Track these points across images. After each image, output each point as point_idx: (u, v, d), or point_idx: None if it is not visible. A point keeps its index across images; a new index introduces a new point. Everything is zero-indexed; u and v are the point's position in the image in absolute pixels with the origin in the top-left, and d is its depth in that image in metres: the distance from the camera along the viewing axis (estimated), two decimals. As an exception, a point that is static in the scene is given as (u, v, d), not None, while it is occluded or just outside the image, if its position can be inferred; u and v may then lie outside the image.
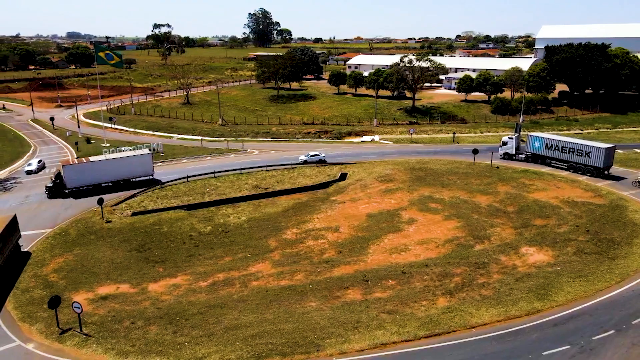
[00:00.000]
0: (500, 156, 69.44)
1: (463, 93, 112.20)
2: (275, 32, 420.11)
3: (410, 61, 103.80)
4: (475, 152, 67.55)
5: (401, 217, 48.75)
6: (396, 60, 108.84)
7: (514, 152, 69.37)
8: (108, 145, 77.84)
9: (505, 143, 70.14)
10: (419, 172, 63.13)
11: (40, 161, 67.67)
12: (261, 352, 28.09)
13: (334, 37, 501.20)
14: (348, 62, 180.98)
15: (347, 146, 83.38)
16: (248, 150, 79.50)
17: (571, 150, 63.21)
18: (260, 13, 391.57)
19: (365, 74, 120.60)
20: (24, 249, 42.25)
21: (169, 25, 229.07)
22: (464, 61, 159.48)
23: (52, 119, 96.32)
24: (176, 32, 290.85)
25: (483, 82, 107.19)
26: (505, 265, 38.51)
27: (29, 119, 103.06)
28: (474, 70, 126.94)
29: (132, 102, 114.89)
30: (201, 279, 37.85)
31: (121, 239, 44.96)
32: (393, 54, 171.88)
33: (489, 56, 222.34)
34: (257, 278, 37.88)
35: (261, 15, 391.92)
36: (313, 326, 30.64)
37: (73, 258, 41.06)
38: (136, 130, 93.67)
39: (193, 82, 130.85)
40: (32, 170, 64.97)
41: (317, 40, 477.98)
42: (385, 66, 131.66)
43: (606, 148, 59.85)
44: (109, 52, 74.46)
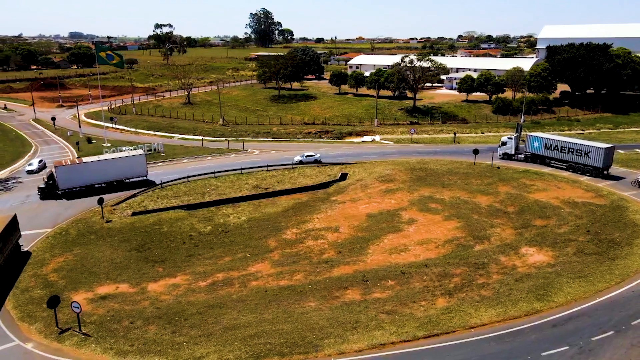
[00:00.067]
0: (499, 156, 69.36)
1: (464, 93, 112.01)
2: (276, 32, 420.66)
3: (411, 61, 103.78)
4: (475, 153, 67.47)
5: (401, 218, 48.70)
6: (397, 60, 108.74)
7: (513, 152, 69.29)
8: (109, 145, 77.96)
9: (504, 143, 70.05)
10: (420, 172, 63.07)
11: (41, 161, 67.83)
12: (260, 352, 28.10)
13: (336, 37, 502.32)
14: (349, 62, 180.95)
15: (348, 146, 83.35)
16: (249, 150, 79.54)
17: (570, 150, 63.09)
18: (261, 13, 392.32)
19: (366, 74, 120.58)
20: (24, 249, 42.33)
21: (171, 25, 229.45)
22: (465, 61, 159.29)
23: (54, 119, 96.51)
24: (178, 32, 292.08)
25: (484, 82, 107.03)
26: (505, 265, 38.43)
27: (31, 119, 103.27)
28: (475, 70, 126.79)
29: (134, 102, 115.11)
30: (200, 279, 37.86)
31: (121, 239, 45.01)
32: (394, 54, 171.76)
33: (491, 56, 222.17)
34: (257, 278, 37.88)
35: (263, 15, 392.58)
36: (312, 326, 30.63)
37: (73, 258, 41.11)
38: (137, 130, 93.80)
39: (194, 82, 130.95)
40: (33, 170, 65.10)
41: (319, 40, 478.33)
42: (386, 66, 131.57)
43: (605, 148, 59.76)
44: (110, 53, 74.62)
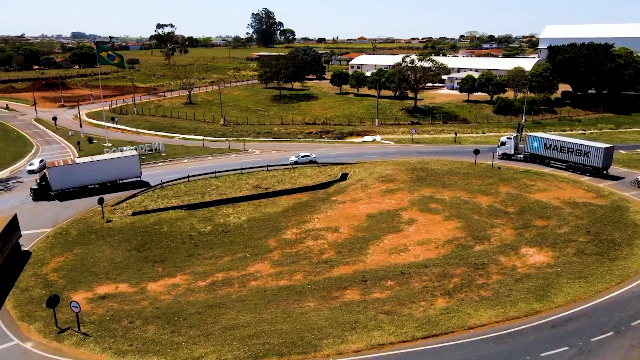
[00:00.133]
0: (498, 156, 69.24)
1: (465, 93, 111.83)
2: (278, 32, 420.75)
3: (412, 61, 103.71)
4: (476, 153, 67.39)
5: (401, 218, 48.65)
6: (398, 60, 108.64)
7: (513, 152, 69.24)
8: (110, 145, 78.06)
9: (503, 143, 69.98)
10: (420, 173, 63.00)
11: (42, 161, 67.85)
12: (258, 352, 28.08)
13: (337, 37, 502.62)
14: (351, 62, 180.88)
15: (349, 146, 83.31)
16: (249, 150, 79.57)
17: (570, 150, 63.02)
18: (263, 13, 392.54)
19: (367, 74, 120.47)
20: (25, 248, 42.40)
21: (172, 25, 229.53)
22: (467, 61, 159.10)
23: (55, 119, 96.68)
24: (180, 33, 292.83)
25: (485, 82, 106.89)
26: (504, 266, 38.35)
27: (32, 119, 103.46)
28: (477, 70, 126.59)
29: (135, 102, 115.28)
30: (200, 279, 37.87)
31: (121, 239, 45.06)
32: (396, 54, 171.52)
33: (492, 56, 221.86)
34: (256, 278, 37.87)
35: (264, 15, 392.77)
36: (311, 326, 30.61)
37: (73, 257, 41.17)
38: (138, 130, 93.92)
39: (195, 82, 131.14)
40: (34, 169, 65.17)
41: (321, 40, 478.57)
42: (387, 66, 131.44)
43: (605, 148, 59.74)
44: (111, 53, 74.78)
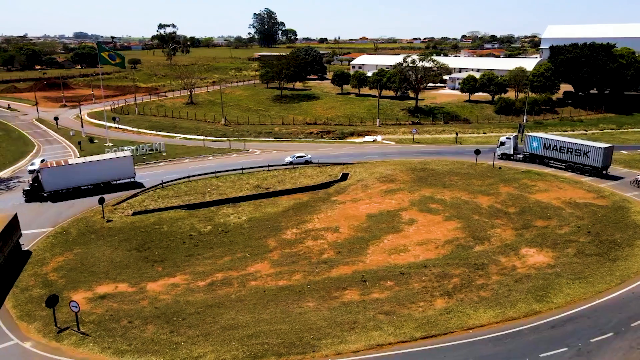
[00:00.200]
0: (498, 156, 69.10)
1: (467, 93, 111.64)
2: (280, 32, 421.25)
3: (413, 61, 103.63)
4: (477, 153, 67.29)
5: (401, 218, 48.60)
6: (400, 60, 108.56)
7: (512, 153, 69.16)
8: (111, 144, 78.20)
9: (503, 143, 69.89)
10: (421, 173, 62.93)
11: (43, 160, 67.93)
12: (257, 352, 28.08)
13: (339, 37, 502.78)
14: (352, 62, 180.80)
15: (350, 146, 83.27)
16: (250, 150, 79.59)
17: (569, 150, 62.96)
18: (265, 13, 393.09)
19: (368, 74, 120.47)
20: (25, 248, 42.49)
21: (174, 25, 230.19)
22: (468, 61, 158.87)
23: (56, 119, 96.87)
24: (182, 33, 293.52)
25: (487, 82, 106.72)
26: (504, 266, 38.27)
27: (34, 119, 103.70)
28: (478, 70, 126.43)
29: (136, 102, 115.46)
30: (200, 279, 37.89)
31: (121, 238, 45.11)
32: (398, 54, 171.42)
33: (494, 56, 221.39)
34: (256, 278, 37.87)
35: (266, 15, 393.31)
36: (310, 326, 30.59)
37: (73, 257, 41.23)
38: (139, 129, 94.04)
39: (197, 82, 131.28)
40: (35, 169, 65.16)
41: (322, 40, 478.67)
42: (389, 66, 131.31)
43: (605, 148, 59.73)
44: (112, 53, 74.92)
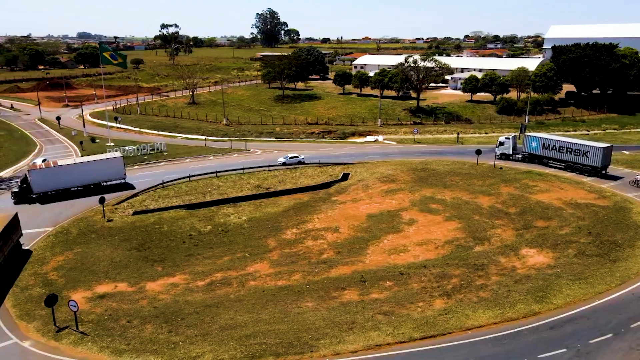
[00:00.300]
0: (497, 156, 68.94)
1: (469, 93, 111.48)
2: (282, 32, 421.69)
3: (414, 61, 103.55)
4: (478, 153, 67.16)
5: (402, 218, 48.53)
6: (402, 60, 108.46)
7: (511, 153, 69.02)
8: (112, 144, 78.39)
9: (502, 143, 69.74)
10: (422, 173, 62.84)
11: (44, 160, 68.04)
12: (255, 352, 28.07)
13: (342, 37, 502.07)
14: (354, 62, 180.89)
15: (351, 146, 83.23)
16: (251, 150, 79.63)
17: (569, 150, 62.84)
18: (268, 13, 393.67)
19: (370, 74, 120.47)
20: (25, 247, 42.59)
21: (177, 25, 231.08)
22: (471, 61, 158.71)
23: (59, 119, 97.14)
24: (185, 33, 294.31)
25: (489, 82, 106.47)
26: (504, 267, 38.16)
27: (36, 119, 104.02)
28: (480, 70, 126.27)
29: (138, 102, 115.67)
30: (199, 279, 37.91)
31: (121, 238, 45.19)
32: (400, 54, 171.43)
33: (497, 56, 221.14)
34: (255, 278, 37.87)
35: (269, 15, 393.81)
36: (308, 327, 30.56)
37: (73, 256, 41.31)
38: (141, 129, 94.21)
39: (199, 82, 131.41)
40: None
41: (325, 40, 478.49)
42: (391, 66, 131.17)
43: (604, 148, 59.65)
44: (113, 53, 75.09)
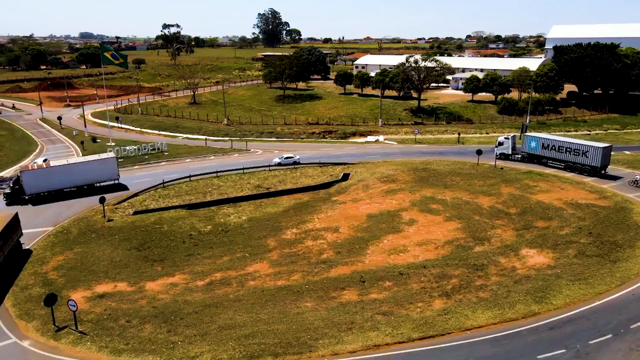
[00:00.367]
0: (496, 156, 68.86)
1: (470, 93, 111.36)
2: (284, 32, 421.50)
3: (416, 61, 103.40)
4: (479, 153, 67.08)
5: (402, 218, 48.47)
6: (403, 60, 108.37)
7: (510, 152, 68.96)
8: (113, 144, 78.50)
9: (501, 143, 69.68)
10: (422, 173, 62.76)
11: (45, 160, 68.14)
12: (253, 352, 28.06)
13: (343, 37, 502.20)
14: (355, 62, 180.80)
15: (352, 146, 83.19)
16: (252, 150, 79.65)
17: (568, 149, 62.80)
18: (269, 13, 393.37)
19: (371, 74, 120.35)
20: (26, 247, 42.66)
21: (178, 25, 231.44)
22: (472, 61, 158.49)
23: (60, 118, 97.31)
24: (187, 33, 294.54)
25: (490, 83, 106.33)
26: (504, 267, 38.08)
27: (38, 118, 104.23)
28: (482, 70, 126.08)
29: (139, 102, 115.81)
30: (198, 278, 37.92)
31: (122, 238, 45.22)
32: (402, 54, 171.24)
33: (498, 56, 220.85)
34: (254, 278, 37.86)
35: (270, 15, 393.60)
36: (307, 327, 30.55)
37: (73, 256, 41.36)
38: (142, 129, 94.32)
39: (200, 82, 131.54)
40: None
41: (327, 40, 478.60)
42: (392, 66, 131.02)
43: (603, 147, 59.64)
44: (115, 53, 75.22)
